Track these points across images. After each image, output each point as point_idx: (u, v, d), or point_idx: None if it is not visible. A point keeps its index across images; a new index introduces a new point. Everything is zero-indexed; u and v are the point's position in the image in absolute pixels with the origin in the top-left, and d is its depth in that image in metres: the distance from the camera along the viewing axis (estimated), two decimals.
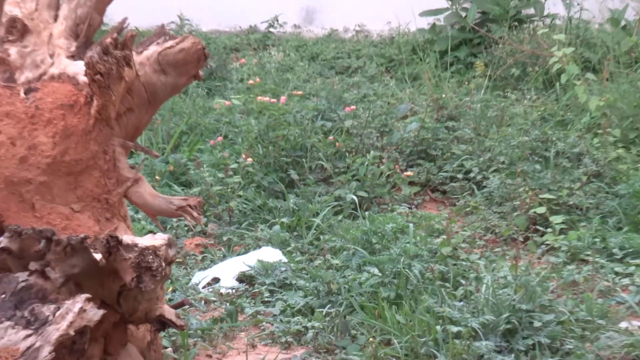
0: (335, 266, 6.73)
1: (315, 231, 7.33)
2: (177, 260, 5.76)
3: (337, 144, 8.49)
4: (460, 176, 8.34)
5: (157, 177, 8.09)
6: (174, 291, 6.47)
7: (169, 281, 5.92)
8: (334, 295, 6.36)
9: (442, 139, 8.73)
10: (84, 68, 4.50)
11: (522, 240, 7.39)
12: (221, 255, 7.20)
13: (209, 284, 6.74)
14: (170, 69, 4.82)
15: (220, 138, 9.03)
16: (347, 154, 8.40)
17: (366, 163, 8.22)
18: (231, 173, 8.23)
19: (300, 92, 10.09)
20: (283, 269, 6.76)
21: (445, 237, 7.09)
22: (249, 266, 6.82)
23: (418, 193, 8.19)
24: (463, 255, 6.90)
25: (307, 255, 7.07)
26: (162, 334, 5.21)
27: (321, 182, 8.15)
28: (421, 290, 6.26)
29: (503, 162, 8.31)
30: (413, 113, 9.31)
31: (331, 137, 8.57)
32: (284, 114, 8.79)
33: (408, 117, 9.13)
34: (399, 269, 6.45)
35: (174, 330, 4.99)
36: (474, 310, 5.99)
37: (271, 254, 6.97)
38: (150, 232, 5.54)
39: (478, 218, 7.68)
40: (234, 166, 8.32)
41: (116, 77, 4.51)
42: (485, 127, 8.94)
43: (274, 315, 6.34)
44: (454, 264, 6.66)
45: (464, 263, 6.72)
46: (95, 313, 3.84)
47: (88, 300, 3.84)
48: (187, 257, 7.15)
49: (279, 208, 7.76)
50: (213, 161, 8.49)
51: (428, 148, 8.64)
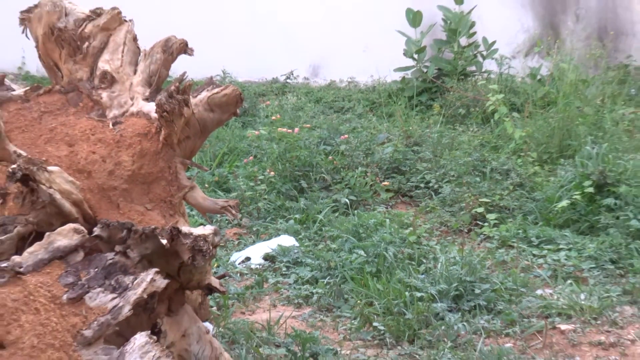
0: (333, 249, 6.73)
1: (319, 224, 7.32)
2: (220, 244, 5.76)
3: (335, 162, 8.46)
4: (422, 185, 8.31)
5: (206, 185, 8.08)
6: (218, 266, 6.47)
7: (215, 259, 5.91)
8: (332, 270, 6.36)
9: (409, 159, 8.71)
10: (155, 107, 4.50)
11: (467, 231, 7.40)
12: (251, 240, 7.19)
13: (243, 262, 6.74)
14: (216, 108, 4.82)
15: (251, 157, 9.02)
16: (342, 169, 8.37)
17: (355, 176, 8.20)
18: (259, 182, 8.22)
19: (308, 125, 10.07)
20: (296, 251, 6.76)
21: (411, 229, 7.09)
22: (272, 249, 6.82)
23: (392, 197, 8.18)
24: (424, 242, 6.89)
25: (313, 241, 7.07)
26: (209, 297, 5.20)
27: (323, 189, 8.14)
28: (394, 266, 6.25)
29: (453, 175, 8.27)
30: (389, 140, 9.29)
31: (330, 157, 8.56)
32: (297, 141, 8.77)
33: (385, 143, 9.11)
34: (379, 251, 6.45)
35: (218, 294, 4.99)
36: (432, 281, 5.98)
37: (287, 240, 6.97)
38: (201, 225, 5.52)
39: (435, 215, 7.66)
40: (261, 177, 8.31)
41: (178, 114, 4.51)
42: (440, 151, 8.92)
43: (289, 284, 6.35)
44: (418, 248, 6.65)
45: (425, 247, 6.71)
46: (161, 282, 3.83)
47: (157, 273, 3.83)
48: (227, 242, 7.15)
49: (293, 207, 7.75)
50: (246, 174, 8.47)
51: (399, 165, 8.61)
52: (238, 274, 6.50)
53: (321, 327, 5.64)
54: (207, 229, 4.17)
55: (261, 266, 6.65)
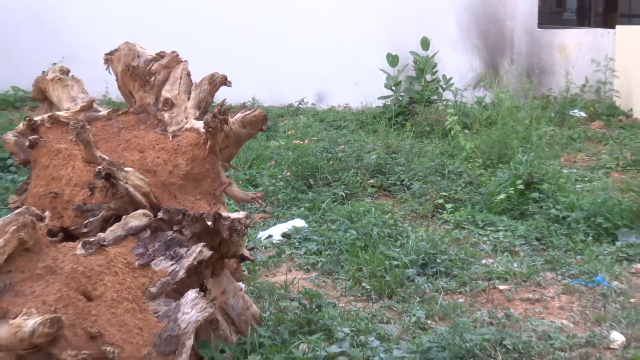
0: (332, 229, 6.69)
1: (322, 211, 7.29)
2: (250, 225, 5.75)
3: (334, 166, 8.42)
4: (398, 183, 8.27)
5: (240, 182, 8.03)
6: (249, 241, 6.45)
7: (246, 236, 5.89)
8: (332, 244, 6.34)
9: (389, 163, 8.67)
10: (203, 125, 4.49)
11: (430, 216, 7.36)
12: (273, 222, 7.16)
13: (266, 238, 6.71)
14: (247, 125, 4.80)
15: (273, 162, 8.99)
16: (339, 171, 8.33)
17: (349, 175, 8.17)
18: (278, 180, 8.21)
19: (315, 138, 10.05)
20: (305, 231, 6.73)
21: (390, 215, 7.08)
22: (288, 229, 6.79)
23: (376, 192, 8.14)
24: (400, 224, 6.87)
25: (318, 223, 7.03)
26: (242, 264, 5.19)
27: (325, 186, 8.11)
28: (378, 242, 6.22)
29: (420, 176, 8.24)
30: (373, 150, 9.25)
31: (331, 162, 8.53)
32: (306, 150, 8.74)
33: (371, 152, 9.07)
34: (366, 231, 6.42)
35: (248, 261, 4.98)
36: (405, 253, 5.95)
37: (299, 223, 6.95)
38: (236, 211, 5.50)
39: (407, 205, 7.62)
40: (280, 176, 8.29)
41: (220, 130, 4.49)
42: (411, 157, 8.88)
43: (300, 254, 6.31)
44: (395, 229, 6.63)
45: (400, 228, 6.68)
46: (207, 253, 3.82)
47: (204, 246, 3.82)
48: (255, 224, 7.12)
49: (303, 199, 7.72)
50: (269, 174, 8.45)
51: (381, 168, 8.57)
52: (263, 247, 6.48)
53: (324, 287, 5.62)
54: (241, 214, 4.16)
55: (280, 241, 6.62)
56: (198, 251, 3.77)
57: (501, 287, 5.57)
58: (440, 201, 7.50)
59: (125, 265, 3.61)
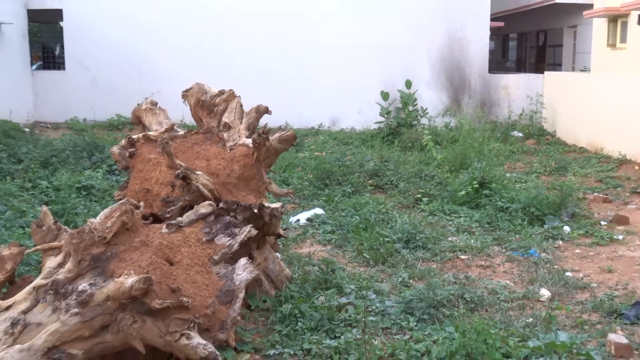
0: (342, 215, 6.66)
1: (335, 202, 7.26)
2: (284, 212, 5.75)
3: (343, 170, 8.39)
4: (389, 183, 8.22)
5: (277, 182, 8.03)
6: (283, 224, 6.43)
7: (281, 220, 5.89)
8: (342, 226, 6.31)
9: (382, 169, 8.64)
10: (251, 141, 4.49)
11: (412, 207, 7.32)
12: (300, 211, 7.13)
13: (296, 222, 6.68)
14: (283, 142, 4.79)
15: (300, 168, 8.98)
16: (347, 174, 8.30)
17: (354, 177, 8.14)
18: (304, 181, 8.18)
19: (330, 151, 10.04)
20: (323, 217, 6.69)
21: (383, 205, 7.03)
22: (311, 215, 6.75)
23: (373, 189, 8.10)
24: (390, 212, 6.82)
25: (332, 211, 6.98)
26: (279, 239, 5.18)
27: (337, 185, 8.08)
28: (374, 225, 6.20)
29: (405, 178, 8.21)
30: (371, 159, 9.23)
31: (341, 168, 8.50)
32: (324, 159, 8.72)
33: (370, 161, 9.05)
34: (367, 217, 6.40)
35: (283, 238, 4.97)
36: (394, 232, 5.92)
37: (319, 211, 6.91)
38: (274, 202, 5.50)
39: (396, 198, 7.57)
40: (305, 178, 8.26)
41: (263, 145, 4.49)
42: (398, 165, 8.85)
43: (320, 233, 6.27)
44: (387, 215, 6.59)
45: (390, 215, 6.63)
46: (254, 232, 3.81)
47: (252, 227, 3.81)
48: (288, 212, 7.10)
49: (322, 194, 7.68)
50: (298, 176, 8.43)
51: (377, 172, 8.54)
52: (293, 228, 6.46)
53: (336, 256, 5.59)
54: (278, 204, 4.16)
55: (305, 224, 6.60)
56: (247, 230, 3.77)
57: (462, 257, 5.52)
58: (419, 196, 7.45)
59: (196, 240, 3.62)
